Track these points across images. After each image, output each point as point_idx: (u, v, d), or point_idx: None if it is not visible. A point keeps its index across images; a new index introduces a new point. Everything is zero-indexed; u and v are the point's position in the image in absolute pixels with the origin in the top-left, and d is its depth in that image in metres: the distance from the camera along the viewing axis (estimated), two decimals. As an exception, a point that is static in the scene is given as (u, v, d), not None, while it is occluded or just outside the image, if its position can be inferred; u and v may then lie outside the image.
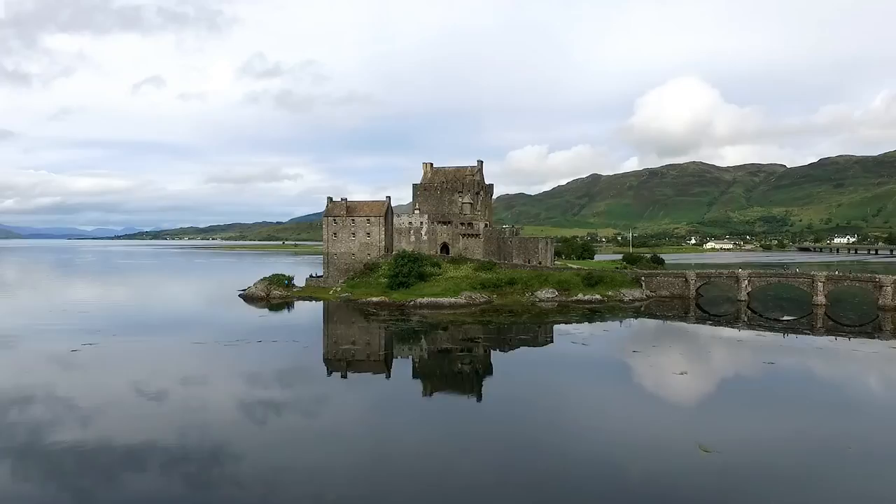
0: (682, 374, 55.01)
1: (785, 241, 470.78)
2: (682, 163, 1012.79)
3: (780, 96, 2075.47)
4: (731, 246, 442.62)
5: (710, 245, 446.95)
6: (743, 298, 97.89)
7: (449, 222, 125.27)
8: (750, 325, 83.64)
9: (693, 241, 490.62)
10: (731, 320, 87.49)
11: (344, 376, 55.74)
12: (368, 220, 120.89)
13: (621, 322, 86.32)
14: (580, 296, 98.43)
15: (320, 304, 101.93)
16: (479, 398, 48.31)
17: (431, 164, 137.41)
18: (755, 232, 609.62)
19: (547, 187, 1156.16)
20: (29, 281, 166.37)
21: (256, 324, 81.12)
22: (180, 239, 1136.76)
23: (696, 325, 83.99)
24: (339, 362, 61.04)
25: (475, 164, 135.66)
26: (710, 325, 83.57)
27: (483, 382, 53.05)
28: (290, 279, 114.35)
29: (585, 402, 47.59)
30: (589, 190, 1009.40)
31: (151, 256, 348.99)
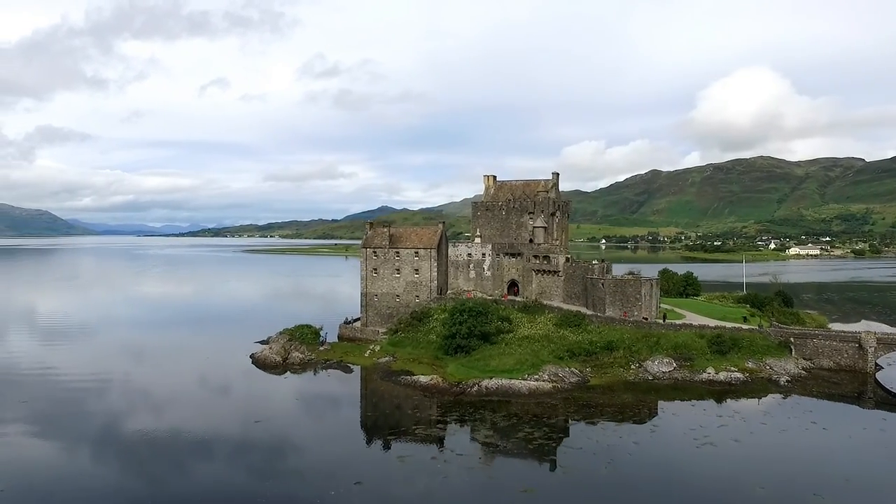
0: None
1: (878, 245, 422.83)
2: (749, 157, 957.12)
3: (856, 86, 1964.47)
4: (817, 252, 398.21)
5: (793, 251, 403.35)
6: (954, 379, 67.97)
7: (519, 254, 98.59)
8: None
9: (773, 246, 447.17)
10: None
11: None
12: (416, 252, 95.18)
13: (759, 401, 63.37)
14: (710, 371, 70.10)
15: (354, 373, 76.68)
16: None
17: (494, 178, 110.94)
18: (832, 231, 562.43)
19: (603, 184, 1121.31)
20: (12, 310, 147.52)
21: (239, 432, 55.08)
22: (240, 236, 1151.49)
23: (876, 412, 59.83)
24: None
25: (549, 176, 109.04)
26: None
27: None
28: (319, 332, 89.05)
29: None
30: (648, 186, 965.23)
31: (199, 265, 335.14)
